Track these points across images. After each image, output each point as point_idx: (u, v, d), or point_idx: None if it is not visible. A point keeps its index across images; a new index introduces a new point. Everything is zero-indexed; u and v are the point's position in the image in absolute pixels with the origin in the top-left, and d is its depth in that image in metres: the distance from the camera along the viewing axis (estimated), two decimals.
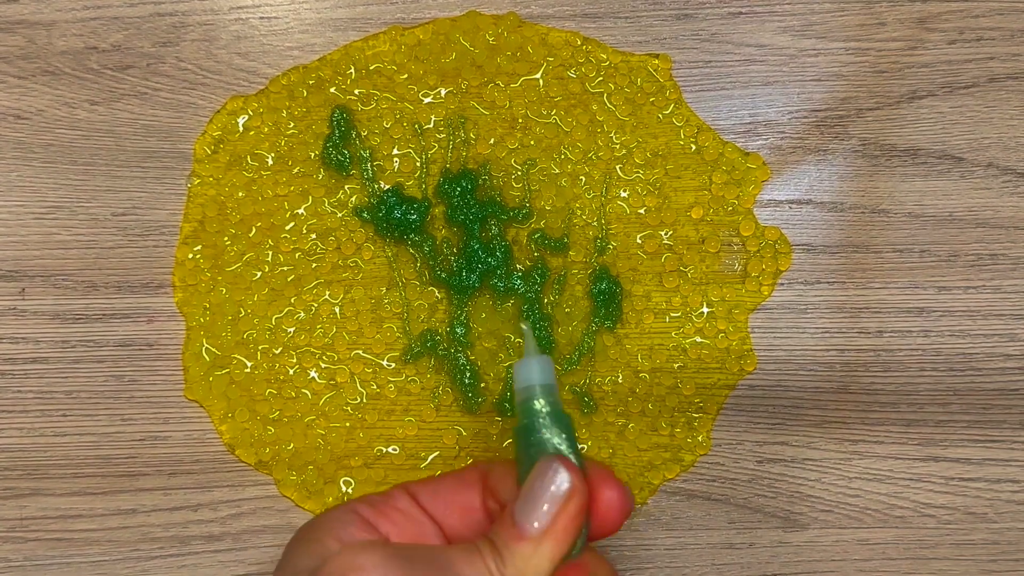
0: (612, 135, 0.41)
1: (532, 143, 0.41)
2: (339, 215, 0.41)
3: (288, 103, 0.41)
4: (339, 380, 0.40)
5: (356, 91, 0.41)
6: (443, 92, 0.41)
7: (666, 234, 0.41)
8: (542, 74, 0.41)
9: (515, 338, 0.40)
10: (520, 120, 0.41)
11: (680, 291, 0.41)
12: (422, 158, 0.41)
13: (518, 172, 0.41)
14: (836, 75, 0.41)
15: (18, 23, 0.41)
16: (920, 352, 0.41)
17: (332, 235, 0.41)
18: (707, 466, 0.41)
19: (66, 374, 0.40)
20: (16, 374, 0.40)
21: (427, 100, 0.41)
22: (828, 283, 0.41)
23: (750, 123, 0.41)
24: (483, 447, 0.40)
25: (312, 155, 0.41)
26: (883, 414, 0.41)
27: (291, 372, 0.40)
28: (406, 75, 0.41)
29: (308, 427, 0.40)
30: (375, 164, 0.41)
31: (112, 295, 0.40)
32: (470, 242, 0.40)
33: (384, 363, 0.41)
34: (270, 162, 0.41)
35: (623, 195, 0.41)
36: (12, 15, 0.41)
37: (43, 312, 0.40)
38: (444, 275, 0.40)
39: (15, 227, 0.40)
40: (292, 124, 0.41)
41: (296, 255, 0.41)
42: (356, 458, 0.40)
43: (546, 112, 0.41)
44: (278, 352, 0.40)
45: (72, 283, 0.40)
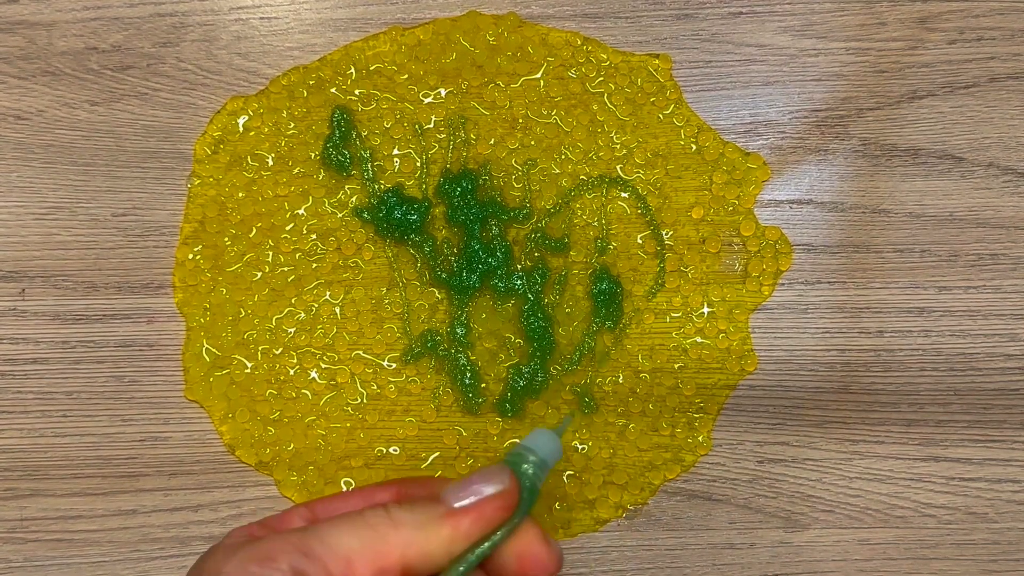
0: (612, 135, 0.41)
1: (532, 143, 0.41)
2: (339, 215, 0.41)
3: (288, 103, 0.41)
4: (339, 380, 0.40)
5: (356, 91, 0.41)
6: (443, 92, 0.41)
7: (666, 234, 0.41)
8: (542, 74, 0.41)
9: (515, 338, 0.40)
10: (520, 120, 0.41)
11: (681, 291, 0.41)
12: (422, 158, 0.41)
13: (518, 172, 0.41)
14: (836, 75, 0.41)
15: (18, 23, 0.41)
16: (920, 352, 0.41)
17: (332, 235, 0.40)
18: (708, 466, 0.41)
19: (66, 375, 0.40)
20: (16, 375, 0.40)
21: (427, 100, 0.41)
22: (829, 283, 0.41)
23: (750, 123, 0.41)
24: (483, 447, 0.40)
25: (312, 155, 0.41)
26: (884, 414, 0.41)
27: (291, 372, 0.40)
28: (406, 75, 0.41)
29: (309, 428, 0.40)
30: (375, 164, 0.41)
31: (112, 296, 0.40)
32: (470, 242, 0.40)
33: (384, 363, 0.41)
34: (270, 162, 0.41)
35: (623, 195, 0.41)
36: (12, 15, 0.40)
37: (43, 313, 0.40)
38: (444, 275, 0.40)
39: (15, 228, 0.40)
40: (292, 124, 0.41)
41: (296, 255, 0.41)
42: (357, 459, 0.40)
43: (546, 112, 0.41)
44: (278, 352, 0.40)
45: (72, 284, 0.40)
